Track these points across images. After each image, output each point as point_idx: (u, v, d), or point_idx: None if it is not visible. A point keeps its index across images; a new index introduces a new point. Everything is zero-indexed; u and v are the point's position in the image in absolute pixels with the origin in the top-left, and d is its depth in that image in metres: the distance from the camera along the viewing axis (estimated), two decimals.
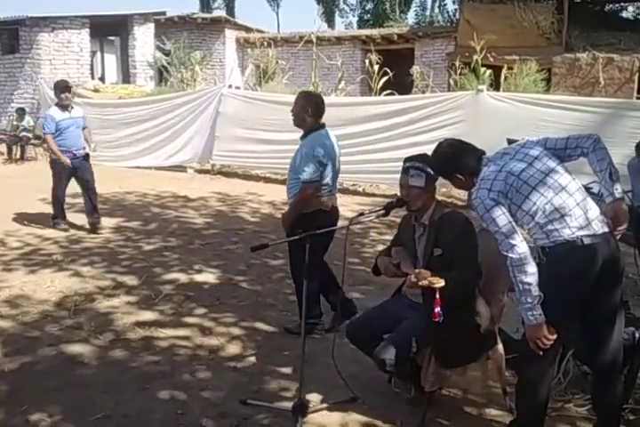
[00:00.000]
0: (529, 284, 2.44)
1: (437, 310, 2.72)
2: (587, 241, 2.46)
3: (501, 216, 2.48)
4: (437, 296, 2.73)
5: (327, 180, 3.92)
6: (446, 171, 2.81)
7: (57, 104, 6.71)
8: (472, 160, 2.71)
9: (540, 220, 2.50)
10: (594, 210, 2.53)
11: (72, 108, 6.72)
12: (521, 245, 2.44)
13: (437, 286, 2.73)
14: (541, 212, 2.49)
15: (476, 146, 2.81)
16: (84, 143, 6.72)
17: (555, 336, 2.50)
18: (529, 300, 2.45)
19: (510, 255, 2.45)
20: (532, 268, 2.44)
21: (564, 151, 2.61)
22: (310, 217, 3.81)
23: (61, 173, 6.63)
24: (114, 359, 3.65)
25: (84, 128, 6.79)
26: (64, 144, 6.54)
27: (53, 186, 6.74)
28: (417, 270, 2.83)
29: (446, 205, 3.24)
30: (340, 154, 4.11)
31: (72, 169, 6.57)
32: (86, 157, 6.71)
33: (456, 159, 2.74)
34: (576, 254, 2.47)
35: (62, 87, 6.61)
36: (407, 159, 3.11)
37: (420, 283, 2.75)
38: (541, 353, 2.52)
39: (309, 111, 3.90)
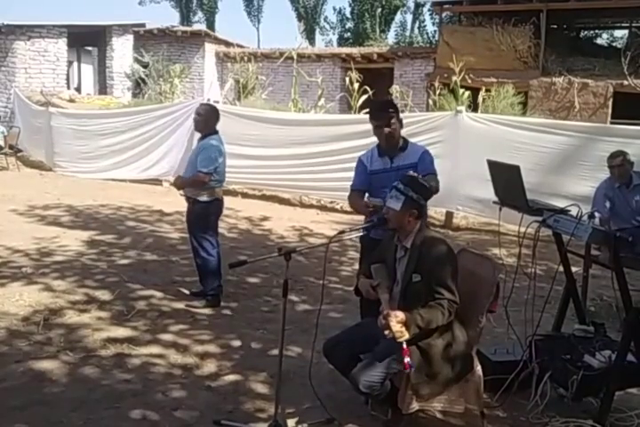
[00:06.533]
0: None
1: (407, 360, 2.66)
2: None
3: None
4: (404, 346, 2.68)
5: (220, 175, 4.92)
6: None
7: None
8: None
9: None
10: None
11: None
12: None
13: (401, 340, 2.67)
14: None
15: None
16: None
17: None
18: None
19: None
20: None
21: None
22: (209, 204, 4.86)
23: None
24: (84, 377, 3.54)
25: None
26: None
27: None
28: (387, 312, 2.74)
29: (429, 226, 3.21)
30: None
31: None
32: None
33: None
34: None
35: None
36: (401, 178, 3.04)
37: (385, 332, 2.69)
38: None
39: (214, 120, 5.14)
